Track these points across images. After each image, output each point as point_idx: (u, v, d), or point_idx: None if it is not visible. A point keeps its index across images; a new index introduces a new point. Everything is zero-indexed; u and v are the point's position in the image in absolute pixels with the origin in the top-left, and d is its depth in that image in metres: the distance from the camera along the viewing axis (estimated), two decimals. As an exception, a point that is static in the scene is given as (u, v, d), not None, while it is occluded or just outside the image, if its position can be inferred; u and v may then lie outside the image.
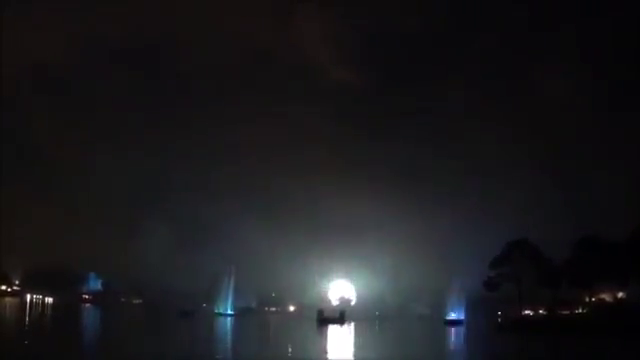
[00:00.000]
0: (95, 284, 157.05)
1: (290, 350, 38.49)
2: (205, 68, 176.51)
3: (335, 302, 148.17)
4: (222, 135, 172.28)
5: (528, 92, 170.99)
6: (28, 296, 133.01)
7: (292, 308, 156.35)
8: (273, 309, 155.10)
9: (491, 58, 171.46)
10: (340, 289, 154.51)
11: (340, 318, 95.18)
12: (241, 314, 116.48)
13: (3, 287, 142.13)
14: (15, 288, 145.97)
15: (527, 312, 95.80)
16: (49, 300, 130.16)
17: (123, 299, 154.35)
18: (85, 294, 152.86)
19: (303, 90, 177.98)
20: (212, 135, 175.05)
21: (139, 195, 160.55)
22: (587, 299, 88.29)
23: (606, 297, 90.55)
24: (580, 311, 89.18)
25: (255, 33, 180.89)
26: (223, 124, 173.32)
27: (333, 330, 66.79)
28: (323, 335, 57.02)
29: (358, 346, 45.63)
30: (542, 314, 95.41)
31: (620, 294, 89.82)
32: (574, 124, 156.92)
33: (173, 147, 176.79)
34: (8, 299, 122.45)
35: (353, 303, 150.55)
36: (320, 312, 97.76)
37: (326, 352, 37.69)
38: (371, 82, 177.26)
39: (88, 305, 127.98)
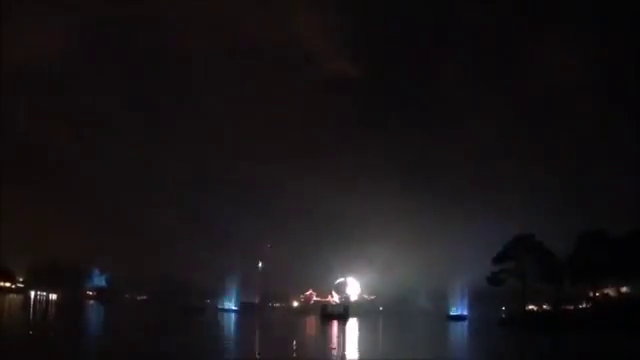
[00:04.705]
0: (99, 280, 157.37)
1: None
2: (205, 63, 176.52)
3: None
4: (222, 133, 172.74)
5: (529, 90, 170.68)
6: (32, 293, 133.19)
7: (296, 304, 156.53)
8: (277, 305, 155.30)
9: (491, 57, 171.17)
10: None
11: (344, 314, 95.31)
12: (244, 310, 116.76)
13: (7, 284, 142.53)
14: (19, 285, 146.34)
15: (531, 307, 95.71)
16: (53, 297, 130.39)
17: (127, 295, 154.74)
18: (89, 290, 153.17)
19: (303, 86, 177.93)
20: (212, 133, 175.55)
21: (142, 193, 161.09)
22: (591, 294, 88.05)
23: (610, 292, 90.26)
24: (584, 306, 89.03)
25: (254, 29, 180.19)
26: (223, 122, 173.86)
27: (336, 326, 66.74)
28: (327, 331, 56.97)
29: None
30: (546, 309, 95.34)
31: (624, 289, 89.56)
32: (576, 121, 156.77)
33: (173, 145, 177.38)
34: (12, 296, 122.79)
35: (355, 299, 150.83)
36: (324, 308, 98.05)
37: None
38: (371, 77, 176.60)
39: (92, 302, 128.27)
